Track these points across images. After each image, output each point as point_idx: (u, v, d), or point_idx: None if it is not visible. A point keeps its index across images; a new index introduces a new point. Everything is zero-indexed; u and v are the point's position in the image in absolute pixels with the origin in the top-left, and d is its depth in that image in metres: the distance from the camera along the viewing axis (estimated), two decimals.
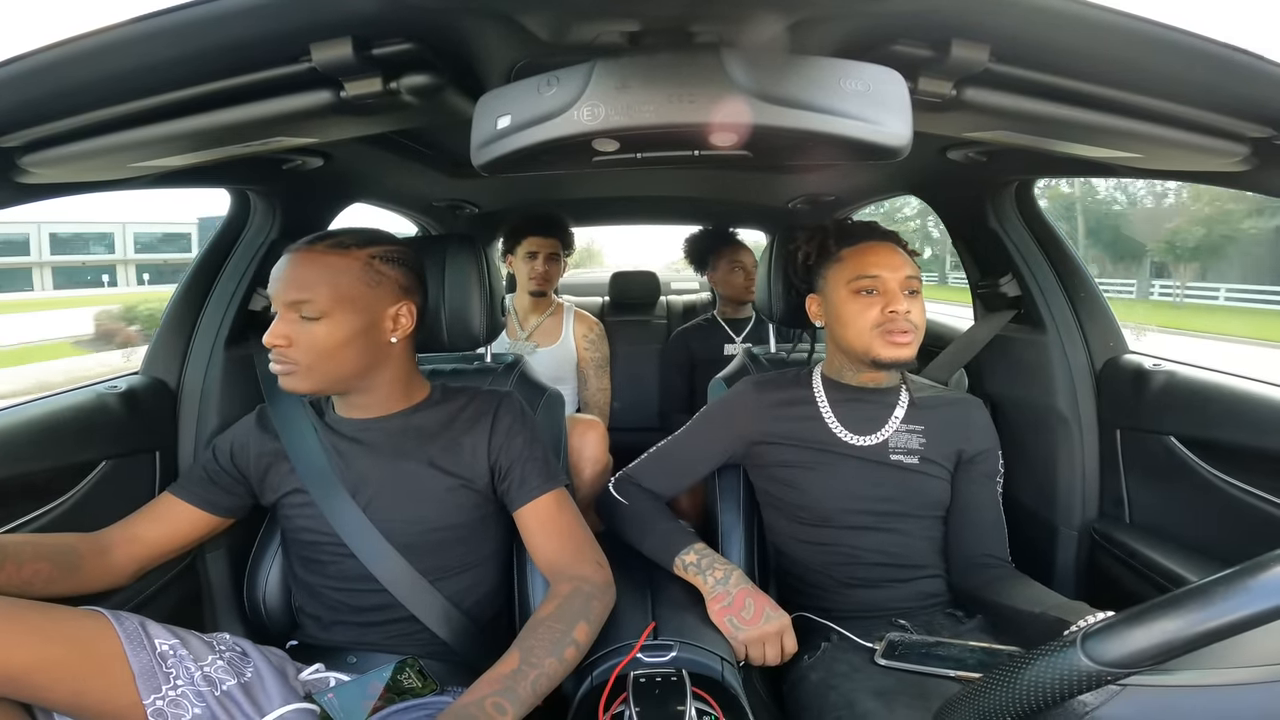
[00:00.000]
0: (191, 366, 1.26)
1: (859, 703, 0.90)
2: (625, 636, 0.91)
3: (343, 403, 1.04)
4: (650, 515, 1.14)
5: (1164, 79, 0.68)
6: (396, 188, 1.78)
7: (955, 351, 1.50)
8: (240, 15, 0.56)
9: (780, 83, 0.56)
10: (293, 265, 0.95)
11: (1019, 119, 0.74)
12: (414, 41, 0.64)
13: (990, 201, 1.38)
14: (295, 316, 0.94)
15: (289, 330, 0.94)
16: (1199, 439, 1.13)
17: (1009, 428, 1.40)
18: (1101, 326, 1.34)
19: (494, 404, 1.07)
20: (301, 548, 1.04)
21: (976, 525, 1.13)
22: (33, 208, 0.98)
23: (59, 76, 0.62)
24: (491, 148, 0.61)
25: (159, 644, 0.83)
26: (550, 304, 2.18)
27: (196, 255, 1.33)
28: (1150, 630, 0.43)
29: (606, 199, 2.44)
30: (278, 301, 0.94)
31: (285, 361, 0.95)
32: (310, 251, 0.95)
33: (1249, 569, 0.43)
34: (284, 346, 0.93)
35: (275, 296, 0.94)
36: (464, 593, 1.04)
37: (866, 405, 1.15)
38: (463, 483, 1.02)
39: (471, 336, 1.22)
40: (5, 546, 0.85)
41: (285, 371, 0.95)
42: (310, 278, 0.94)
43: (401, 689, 0.91)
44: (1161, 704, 0.45)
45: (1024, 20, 0.59)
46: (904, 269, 1.07)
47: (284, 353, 0.94)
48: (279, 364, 0.95)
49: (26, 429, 1.01)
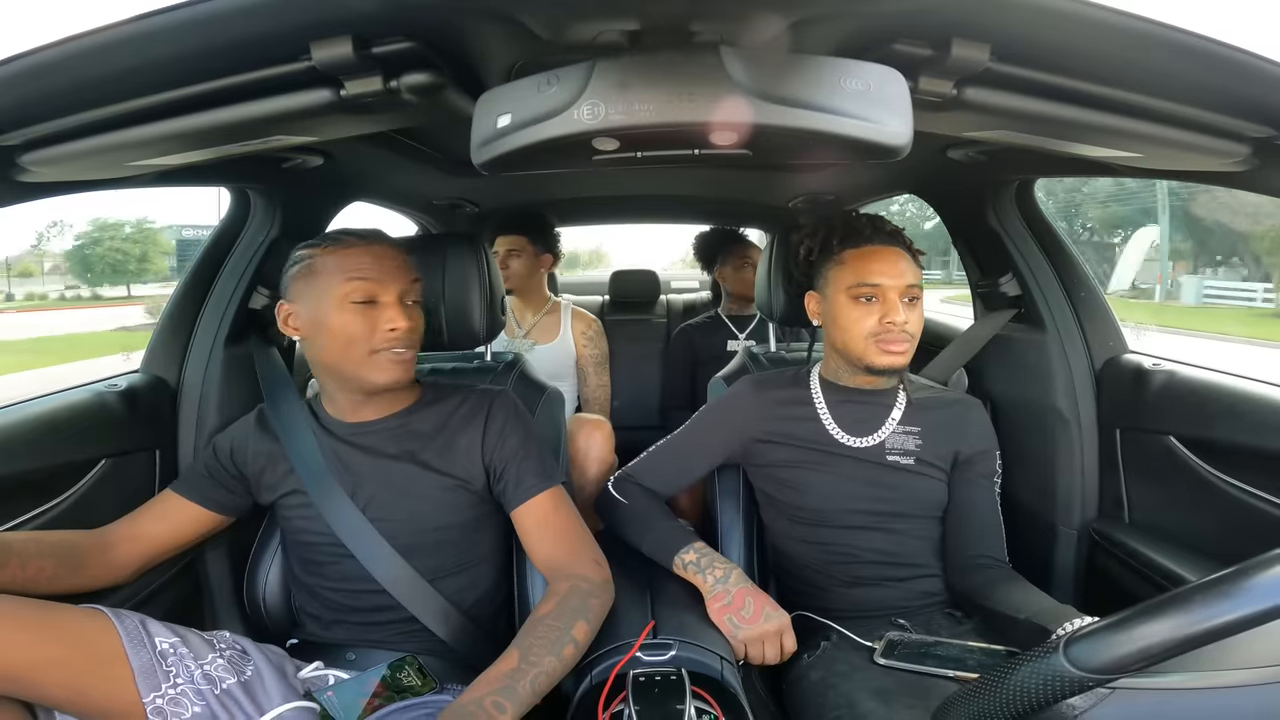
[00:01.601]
0: (191, 365, 1.26)
1: (859, 702, 0.90)
2: (625, 635, 0.91)
3: (339, 405, 1.04)
4: (650, 514, 1.14)
5: (1164, 78, 0.68)
6: (397, 186, 1.78)
7: (955, 351, 1.50)
8: (240, 14, 0.55)
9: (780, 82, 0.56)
10: (390, 255, 0.98)
11: (1020, 118, 0.74)
12: (414, 40, 0.64)
13: (991, 201, 1.38)
14: (408, 303, 0.99)
15: (413, 314, 0.99)
16: (1199, 439, 1.13)
17: (1008, 427, 1.40)
18: (1101, 326, 1.34)
19: (486, 403, 1.06)
20: (300, 549, 1.04)
21: (973, 526, 1.13)
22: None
23: (59, 75, 0.62)
24: (491, 146, 0.61)
25: (159, 642, 0.83)
26: (546, 302, 2.18)
27: (196, 254, 1.33)
28: (1131, 636, 0.44)
29: (606, 198, 2.44)
30: (392, 288, 0.97)
31: (410, 348, 0.99)
32: (388, 244, 1.00)
33: (1230, 575, 0.43)
34: (412, 330, 0.98)
35: (378, 287, 0.96)
36: (463, 592, 1.04)
37: (863, 406, 1.15)
38: (459, 483, 1.02)
39: (471, 335, 1.22)
40: (10, 544, 0.85)
41: (411, 358, 1.00)
42: (410, 265, 1.00)
43: (400, 687, 0.91)
44: (1151, 706, 0.45)
45: (1025, 20, 0.59)
46: (905, 276, 1.06)
47: (410, 338, 0.98)
48: (408, 350, 0.98)
49: (27, 427, 1.01)
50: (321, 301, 0.95)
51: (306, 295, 0.96)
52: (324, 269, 0.95)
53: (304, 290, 0.97)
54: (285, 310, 0.99)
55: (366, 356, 0.95)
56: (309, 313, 0.96)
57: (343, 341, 0.95)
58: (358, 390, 1.01)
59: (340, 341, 0.95)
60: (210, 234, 1.33)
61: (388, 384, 0.98)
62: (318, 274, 0.96)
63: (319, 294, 0.95)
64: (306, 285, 0.97)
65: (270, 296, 1.32)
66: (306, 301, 0.96)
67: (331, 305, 0.94)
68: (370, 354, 0.95)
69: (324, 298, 0.95)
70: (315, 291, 0.95)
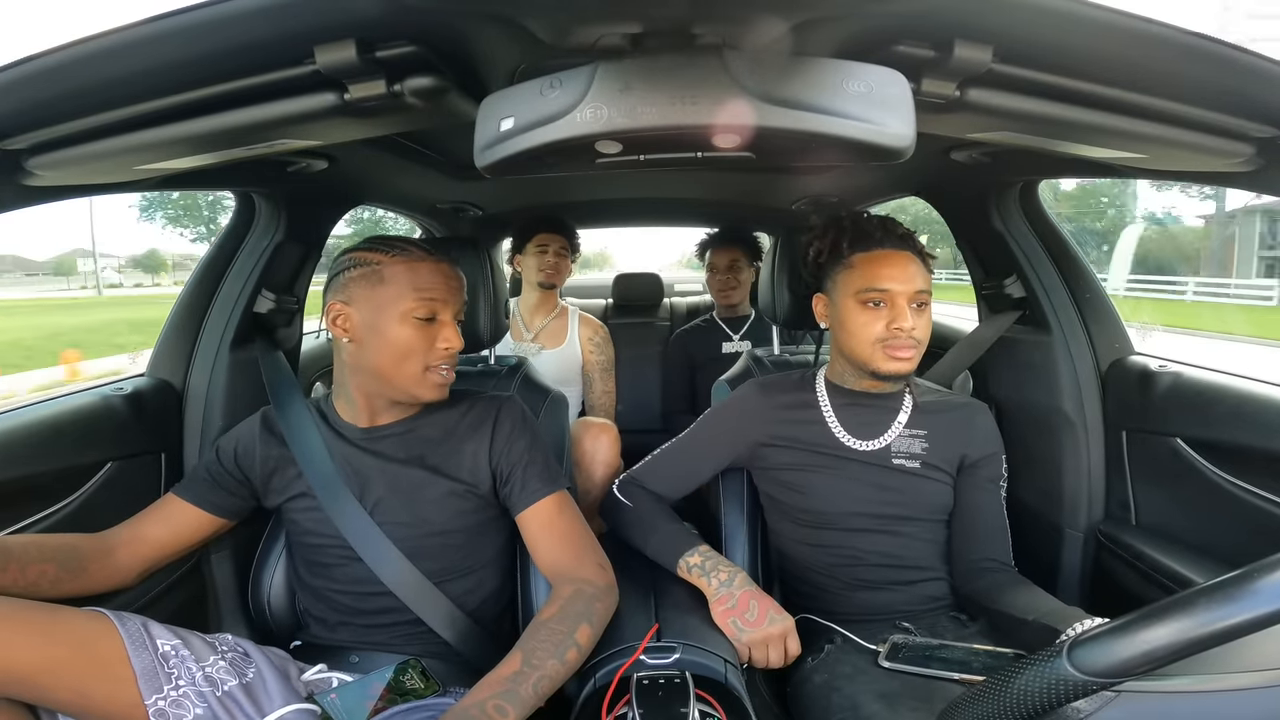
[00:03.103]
0: (197, 368, 1.26)
1: (863, 705, 0.90)
2: (628, 638, 0.91)
3: (356, 409, 1.04)
4: (654, 517, 1.14)
5: (1169, 79, 0.67)
6: (400, 190, 1.79)
7: (960, 353, 1.49)
8: (245, 18, 0.56)
9: (783, 84, 0.56)
10: (453, 275, 1.01)
11: (1023, 120, 0.74)
12: (417, 44, 0.64)
13: (994, 202, 1.38)
14: (457, 321, 1.01)
15: (461, 334, 1.01)
16: (1205, 440, 1.12)
17: (1014, 430, 1.39)
18: (1107, 327, 1.34)
19: (494, 409, 1.07)
20: (307, 551, 1.04)
21: (979, 530, 1.12)
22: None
23: (65, 79, 0.63)
24: (494, 150, 0.61)
25: (161, 644, 0.83)
26: (555, 306, 2.18)
27: (202, 258, 1.33)
28: (1135, 640, 0.43)
29: (609, 201, 2.44)
30: (452, 309, 0.99)
31: (455, 366, 1.02)
32: (449, 262, 1.01)
33: (1234, 579, 0.43)
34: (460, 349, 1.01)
35: (441, 306, 0.98)
36: (468, 595, 1.04)
37: (869, 410, 1.14)
38: (466, 487, 1.02)
39: (476, 339, 1.22)
40: (11, 548, 0.85)
41: (453, 376, 1.02)
42: (464, 285, 1.03)
43: (404, 690, 0.91)
44: (1156, 710, 0.45)
45: (1027, 21, 0.59)
46: (915, 281, 1.05)
47: (458, 357, 1.02)
48: (452, 370, 1.01)
49: (33, 430, 1.02)
50: (384, 310, 0.95)
51: (366, 301, 0.96)
52: (392, 279, 0.95)
53: (365, 295, 0.96)
54: (336, 310, 0.98)
55: (419, 372, 0.97)
56: (366, 318, 0.96)
57: (399, 354, 0.95)
58: (393, 399, 1.02)
59: (396, 354, 0.95)
60: (215, 238, 1.33)
61: (432, 399, 1.00)
62: (385, 283, 0.95)
63: (383, 303, 0.95)
64: (369, 291, 0.96)
65: (275, 300, 1.33)
66: (364, 307, 0.96)
67: (394, 316, 0.95)
68: (424, 370, 0.97)
69: (388, 307, 0.95)
70: (379, 299, 0.95)
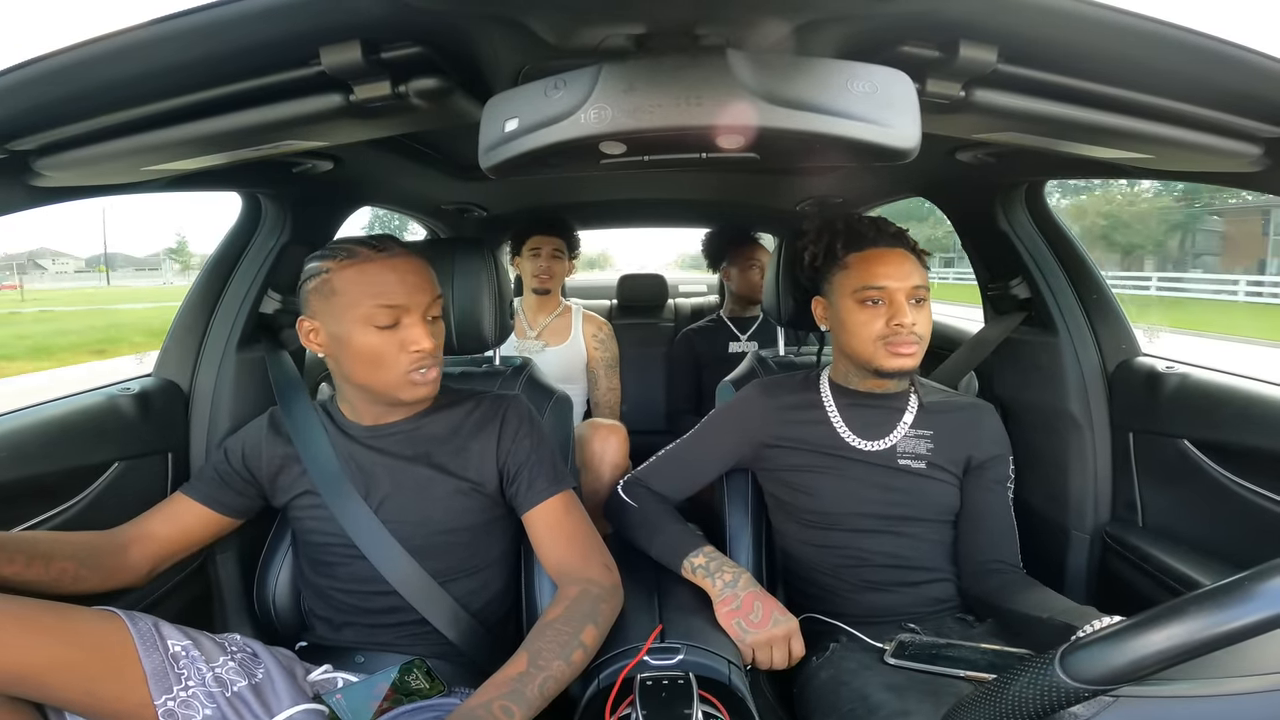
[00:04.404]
0: (203, 369, 1.26)
1: (872, 695, 0.89)
2: (632, 639, 0.91)
3: (358, 410, 1.05)
4: (659, 517, 1.14)
5: (1175, 79, 0.67)
6: (405, 191, 1.79)
7: (965, 354, 1.49)
8: (251, 19, 0.56)
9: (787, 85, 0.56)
10: (411, 270, 0.95)
11: (1029, 120, 0.74)
12: (422, 45, 0.64)
13: (1000, 203, 1.37)
14: (430, 318, 0.97)
15: (436, 331, 0.98)
16: (1213, 442, 1.12)
17: (1020, 431, 1.38)
18: (1113, 329, 1.33)
19: (501, 408, 1.07)
20: (312, 549, 1.05)
21: (987, 531, 1.12)
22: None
23: (72, 80, 0.63)
24: (499, 150, 0.61)
25: (171, 645, 0.83)
26: (558, 304, 2.19)
27: (208, 258, 1.34)
28: (1126, 647, 0.44)
29: (614, 202, 2.44)
30: (416, 308, 0.94)
31: (436, 364, 0.99)
32: (406, 256, 0.96)
33: (1226, 586, 0.43)
34: (436, 348, 0.97)
35: (406, 303, 0.93)
36: (473, 594, 1.04)
37: (874, 410, 1.14)
38: (472, 486, 1.02)
39: (480, 339, 1.22)
40: (36, 543, 0.86)
41: (438, 374, 0.99)
42: (431, 278, 0.98)
43: (409, 690, 0.92)
44: (1152, 714, 0.45)
45: (1033, 21, 0.58)
46: (911, 278, 1.05)
47: (436, 356, 0.98)
48: (433, 368, 0.97)
49: (41, 430, 1.02)
50: (343, 321, 0.92)
51: (326, 313, 0.94)
52: (342, 287, 0.92)
53: (322, 308, 0.94)
54: (307, 327, 0.97)
55: (396, 378, 0.95)
56: (331, 331, 0.94)
57: (369, 364, 0.94)
58: (384, 402, 1.01)
59: (365, 363, 0.94)
60: (222, 239, 1.34)
61: (417, 400, 0.99)
62: (337, 292, 0.92)
63: (339, 313, 0.93)
64: (324, 303, 0.94)
65: (282, 301, 1.33)
66: (327, 320, 0.94)
67: (353, 327, 0.92)
68: (401, 374, 0.95)
69: (344, 318, 0.92)
70: (335, 310, 0.93)
